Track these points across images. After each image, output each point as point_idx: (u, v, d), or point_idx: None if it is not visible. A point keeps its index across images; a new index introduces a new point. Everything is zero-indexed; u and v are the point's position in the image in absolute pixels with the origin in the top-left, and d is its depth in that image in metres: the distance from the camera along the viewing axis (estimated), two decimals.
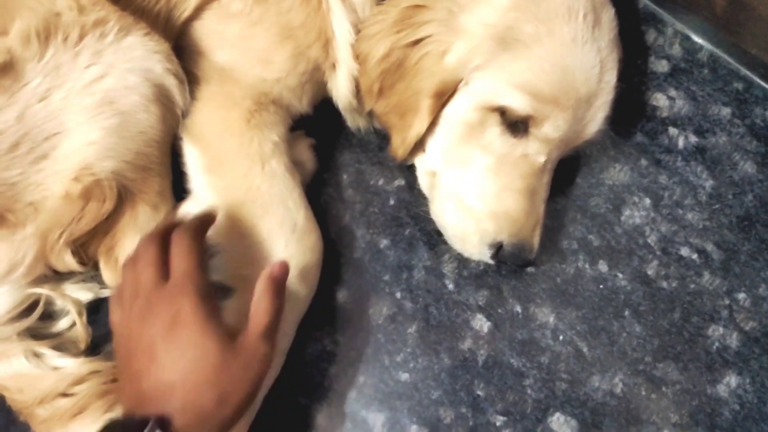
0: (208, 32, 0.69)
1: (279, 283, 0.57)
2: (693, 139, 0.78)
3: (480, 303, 0.76)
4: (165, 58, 0.68)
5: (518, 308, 0.75)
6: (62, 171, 0.66)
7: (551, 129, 0.65)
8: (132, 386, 0.54)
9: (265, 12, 0.67)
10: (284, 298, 0.58)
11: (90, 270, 0.76)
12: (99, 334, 0.77)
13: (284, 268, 0.58)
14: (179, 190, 0.73)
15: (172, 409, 0.51)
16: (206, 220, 0.63)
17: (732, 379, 0.70)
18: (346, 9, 0.67)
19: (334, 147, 0.82)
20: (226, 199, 0.70)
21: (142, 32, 0.66)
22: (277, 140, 0.71)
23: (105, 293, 0.78)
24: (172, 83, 0.68)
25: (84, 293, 0.78)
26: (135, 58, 0.66)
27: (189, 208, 0.74)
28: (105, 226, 0.72)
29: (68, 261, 0.73)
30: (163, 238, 0.59)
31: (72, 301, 0.77)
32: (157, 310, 0.54)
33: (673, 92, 0.80)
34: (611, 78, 0.66)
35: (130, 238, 0.73)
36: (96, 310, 0.78)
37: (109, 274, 0.75)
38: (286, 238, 0.69)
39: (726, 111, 0.79)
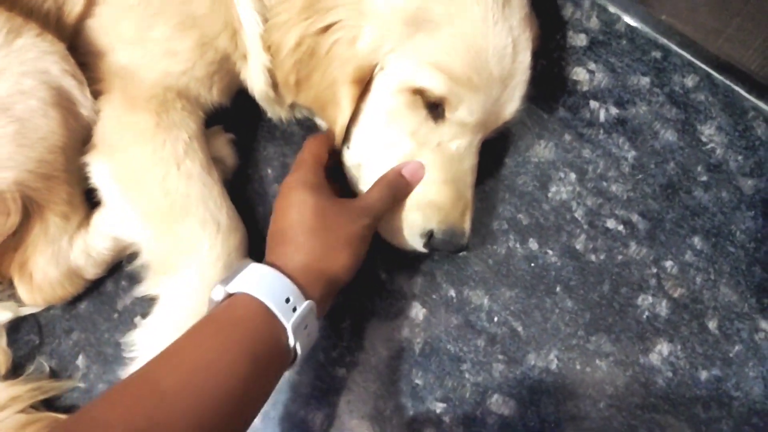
0: (104, 29, 0.66)
1: (399, 184, 0.65)
2: (614, 111, 0.78)
3: (414, 291, 0.75)
4: (61, 58, 0.64)
5: (452, 293, 0.74)
6: None
7: (466, 113, 0.64)
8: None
9: (165, 2, 0.64)
10: (397, 199, 0.65)
11: (6, 288, 0.73)
12: (20, 355, 0.73)
13: (416, 174, 0.66)
14: None
15: (276, 246, 0.60)
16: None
17: (664, 347, 0.71)
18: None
19: (256, 141, 0.80)
20: (144, 208, 0.67)
21: (34, 33, 0.62)
22: (189, 139, 0.68)
23: (24, 312, 0.75)
24: (71, 84, 0.65)
25: (2, 313, 0.75)
26: (28, 60, 0.62)
27: (104, 219, 0.71)
28: (14, 241, 0.68)
29: None
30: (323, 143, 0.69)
31: None
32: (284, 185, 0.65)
33: (592, 65, 0.80)
34: (525, 57, 0.65)
35: (42, 251, 0.69)
36: (16, 330, 0.75)
37: (24, 290, 0.71)
38: (210, 239, 0.67)
39: (645, 81, 0.79)
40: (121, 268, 0.76)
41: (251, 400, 0.53)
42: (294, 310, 0.55)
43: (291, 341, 0.55)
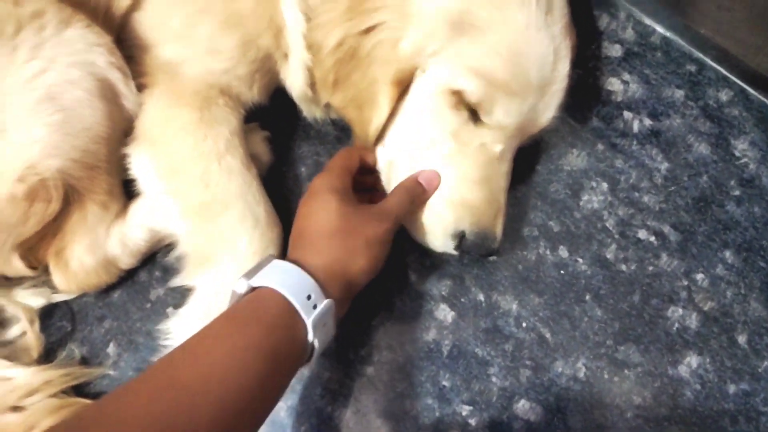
0: (151, 24, 0.67)
1: (416, 190, 0.67)
2: (647, 122, 0.79)
3: (443, 293, 0.75)
4: (107, 51, 0.65)
5: (481, 297, 0.75)
6: (4, 172, 0.63)
7: (503, 115, 0.65)
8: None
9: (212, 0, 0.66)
10: (415, 205, 0.67)
11: (41, 274, 0.74)
12: (52, 341, 0.75)
13: (432, 182, 0.67)
14: None
15: (298, 246, 0.62)
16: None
17: (693, 360, 0.71)
18: None
19: (292, 139, 0.81)
20: (184, 201, 0.68)
21: (83, 24, 0.64)
22: (230, 135, 0.69)
23: (57, 298, 0.76)
24: (116, 77, 0.66)
25: (35, 299, 0.76)
26: (76, 52, 0.64)
27: (141, 210, 0.72)
28: (53, 228, 0.70)
29: (17, 266, 0.70)
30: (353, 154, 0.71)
31: (23, 308, 0.75)
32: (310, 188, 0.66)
33: (627, 76, 0.80)
34: (565, 66, 0.66)
35: (79, 239, 0.70)
36: (49, 316, 0.76)
37: (60, 277, 0.73)
38: (249, 233, 0.68)
39: (679, 93, 0.79)
40: (155, 259, 0.77)
41: (268, 395, 0.53)
42: (314, 307, 0.56)
43: (310, 337, 0.56)
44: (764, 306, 0.72)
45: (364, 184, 0.72)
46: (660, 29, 0.81)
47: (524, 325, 0.73)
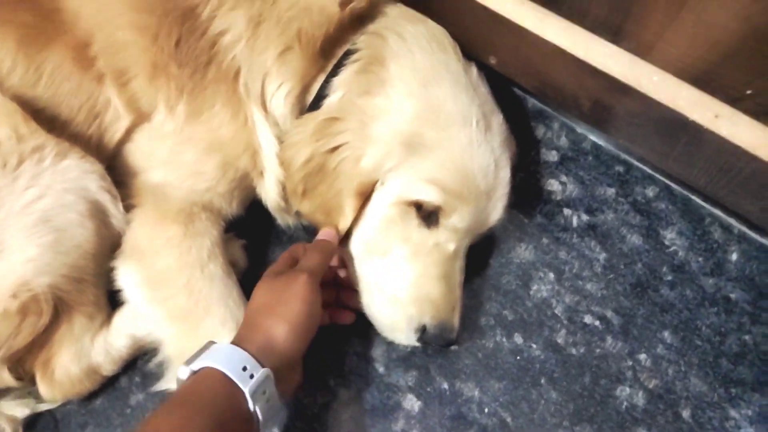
0: (140, 153, 0.76)
1: (321, 244, 0.74)
2: (585, 217, 0.88)
3: (410, 383, 0.80)
4: (99, 177, 0.73)
5: (445, 385, 0.80)
6: (0, 289, 0.69)
7: (458, 220, 0.73)
8: None
9: (195, 130, 0.74)
10: (329, 257, 0.74)
11: (26, 385, 0.77)
12: None
13: (331, 234, 0.75)
14: None
15: (246, 331, 0.66)
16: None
17: None
18: (269, 123, 0.76)
19: (266, 245, 0.88)
20: (169, 308, 0.74)
21: (78, 156, 0.72)
22: (212, 245, 0.77)
23: (41, 407, 0.79)
24: (106, 199, 0.74)
25: (20, 409, 0.79)
26: (71, 179, 0.72)
27: (124, 319, 0.78)
28: (42, 339, 0.74)
29: (5, 377, 0.74)
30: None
31: (7, 419, 0.78)
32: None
33: (564, 178, 0.90)
34: (506, 174, 0.75)
35: (66, 349, 0.75)
36: (32, 426, 0.79)
37: (45, 386, 0.76)
38: (231, 335, 0.73)
39: (611, 191, 0.89)
40: (134, 365, 0.81)
41: None
42: (251, 377, 0.60)
43: (251, 405, 0.60)
44: (704, 381, 0.79)
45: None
46: (590, 136, 0.92)
47: (486, 410, 0.78)
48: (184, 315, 0.73)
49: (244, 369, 0.60)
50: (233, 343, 0.64)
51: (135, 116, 0.74)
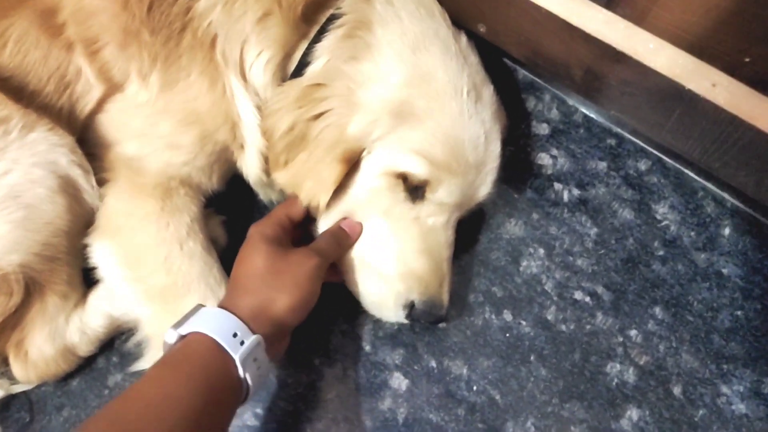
0: (114, 125, 0.72)
1: (341, 234, 0.72)
2: (576, 192, 0.86)
3: (397, 362, 0.78)
4: (70, 150, 0.70)
5: (433, 363, 0.78)
6: None
7: (446, 193, 0.71)
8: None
9: (170, 101, 0.71)
10: (341, 247, 0.72)
11: None
12: None
13: (353, 229, 0.73)
14: None
15: (230, 291, 0.66)
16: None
17: (633, 413, 0.75)
18: (249, 93, 0.72)
19: (246, 221, 0.85)
20: (147, 286, 0.72)
21: (46, 127, 0.69)
22: (191, 221, 0.74)
23: (15, 389, 0.77)
24: (77, 173, 0.70)
25: None
26: (39, 153, 0.68)
27: (100, 298, 0.75)
28: (13, 320, 0.72)
29: None
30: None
31: None
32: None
33: (555, 151, 0.88)
34: (496, 147, 0.73)
35: (39, 329, 0.72)
36: (6, 408, 0.76)
37: (19, 368, 0.74)
38: None
39: (602, 165, 0.87)
40: (112, 345, 0.79)
41: (208, 427, 0.56)
42: (242, 343, 0.59)
43: (240, 372, 0.58)
44: (695, 358, 0.78)
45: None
46: (582, 108, 0.90)
47: (475, 388, 0.77)
48: (163, 293, 0.70)
49: (235, 335, 0.59)
50: (222, 306, 0.62)
51: (107, 86, 0.70)
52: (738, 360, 0.77)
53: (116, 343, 0.79)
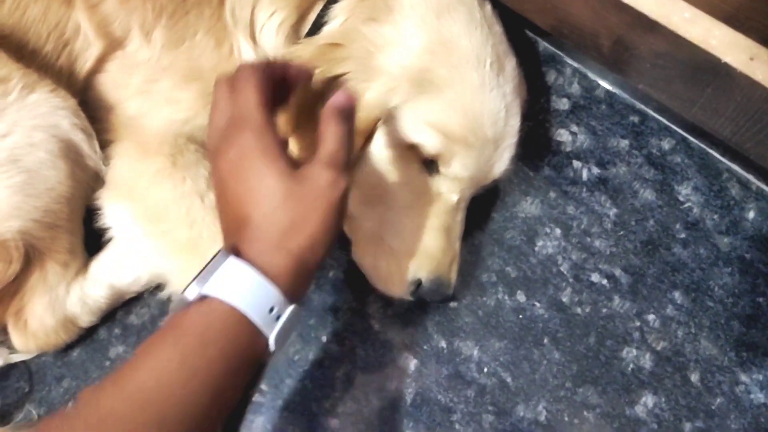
0: (114, 84, 0.69)
1: (344, 111, 0.55)
2: (596, 170, 0.83)
3: (405, 341, 0.76)
4: (72, 113, 0.67)
5: (443, 343, 0.76)
6: None
7: (460, 168, 0.68)
8: (221, 228, 0.55)
9: (174, 59, 0.68)
10: (351, 125, 0.55)
11: None
12: (9, 402, 0.73)
13: (349, 98, 0.55)
14: None
15: (246, 239, 0.50)
16: (282, 65, 0.58)
17: (648, 399, 0.73)
18: (257, 53, 0.69)
19: None
20: (170, 241, 0.69)
21: (48, 89, 0.65)
22: (208, 174, 0.71)
23: (15, 359, 0.75)
24: (80, 137, 0.67)
25: None
26: (40, 115, 0.65)
27: (102, 267, 0.73)
28: (12, 288, 0.69)
29: None
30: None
31: None
32: (225, 149, 0.52)
33: (575, 128, 0.85)
34: (515, 122, 0.69)
35: (39, 298, 0.70)
36: (5, 377, 0.75)
37: (18, 337, 0.72)
38: None
39: (624, 143, 0.84)
40: (114, 317, 0.77)
41: (222, 407, 0.48)
42: (277, 318, 0.49)
43: (272, 348, 0.49)
44: (714, 344, 0.75)
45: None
46: (604, 84, 0.86)
47: (485, 370, 0.75)
48: (188, 246, 0.69)
49: (271, 310, 0.48)
50: (247, 256, 0.49)
51: (106, 43, 0.67)
52: (758, 348, 0.75)
53: (118, 314, 0.77)
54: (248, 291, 0.48)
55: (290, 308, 0.50)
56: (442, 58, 0.65)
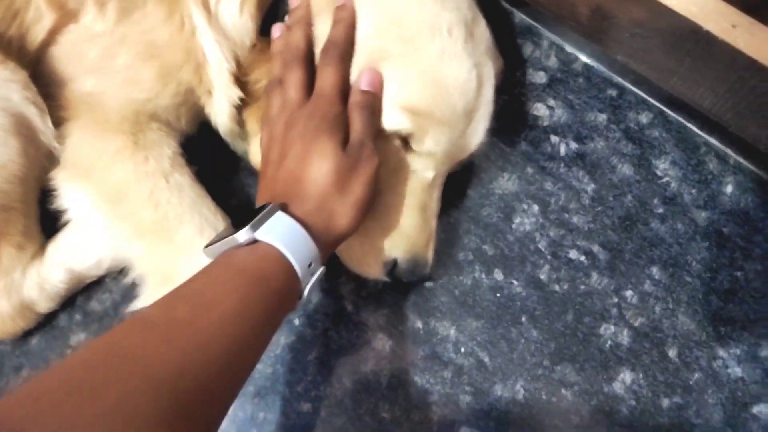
0: (68, 58, 0.65)
1: (369, 93, 0.62)
2: (573, 145, 0.81)
3: (380, 322, 0.74)
4: (23, 86, 0.63)
5: (419, 324, 0.74)
6: None
7: (433, 143, 0.65)
8: (266, 179, 0.61)
9: (129, 31, 0.64)
10: (377, 105, 0.62)
11: None
12: None
13: (373, 80, 0.62)
14: None
15: (296, 197, 0.57)
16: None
17: (626, 376, 0.72)
18: (213, 29, 0.65)
19: (221, 172, 0.79)
20: (132, 222, 0.66)
21: None
22: (173, 154, 0.68)
23: None
24: (32, 112, 0.63)
25: None
26: None
27: (59, 250, 0.69)
28: None
29: None
30: (306, 60, 0.64)
31: None
32: (298, 123, 0.60)
33: (552, 102, 0.82)
34: (488, 91, 0.66)
35: None
36: None
37: None
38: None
39: (602, 117, 0.82)
40: (74, 302, 0.74)
41: (257, 351, 0.52)
42: (312, 274, 0.56)
43: (303, 298, 0.56)
44: (692, 320, 0.74)
45: None
46: (581, 56, 0.84)
47: (462, 350, 0.73)
48: (153, 228, 0.65)
49: (309, 266, 0.55)
50: (293, 213, 0.55)
51: (59, 14, 0.62)
52: (736, 322, 0.74)
53: (78, 300, 0.73)
54: (296, 244, 0.54)
55: (322, 268, 0.57)
56: (391, 35, 0.62)
